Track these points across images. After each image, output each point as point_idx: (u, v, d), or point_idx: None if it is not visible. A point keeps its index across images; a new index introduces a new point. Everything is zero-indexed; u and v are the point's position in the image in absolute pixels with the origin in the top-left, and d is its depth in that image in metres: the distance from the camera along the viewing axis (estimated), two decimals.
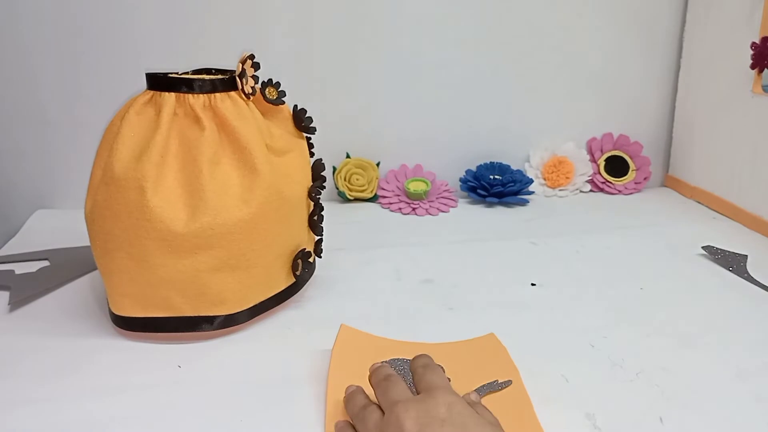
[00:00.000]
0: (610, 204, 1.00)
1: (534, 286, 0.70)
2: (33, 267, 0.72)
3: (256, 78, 0.61)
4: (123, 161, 0.54)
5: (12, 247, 0.80)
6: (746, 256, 0.76)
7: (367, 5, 0.94)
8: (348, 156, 1.00)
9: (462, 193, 1.03)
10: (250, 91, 0.60)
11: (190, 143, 0.56)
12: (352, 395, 0.46)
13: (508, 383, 0.50)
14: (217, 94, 0.57)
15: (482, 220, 0.93)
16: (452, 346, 0.56)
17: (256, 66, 0.61)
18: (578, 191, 1.05)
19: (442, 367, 0.47)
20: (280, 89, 0.63)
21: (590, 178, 1.05)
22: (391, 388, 0.43)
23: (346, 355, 0.53)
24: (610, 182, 1.05)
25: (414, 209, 0.96)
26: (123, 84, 0.65)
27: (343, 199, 1.00)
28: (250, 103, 0.60)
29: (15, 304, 0.64)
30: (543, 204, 1.00)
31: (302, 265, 0.63)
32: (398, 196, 0.99)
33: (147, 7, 0.88)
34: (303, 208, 0.63)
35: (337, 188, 0.99)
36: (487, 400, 0.48)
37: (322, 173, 0.66)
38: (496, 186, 0.97)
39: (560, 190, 1.04)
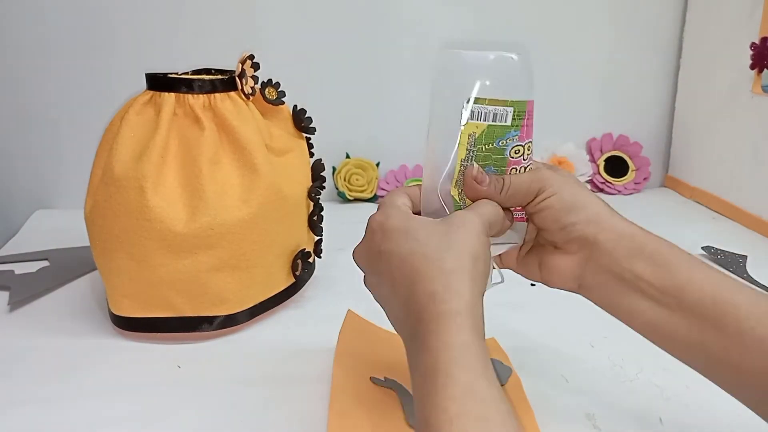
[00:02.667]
0: (609, 204, 0.99)
1: (534, 286, 0.70)
2: (33, 267, 0.72)
3: (255, 78, 0.61)
4: (123, 161, 0.54)
5: (12, 248, 0.80)
6: (746, 256, 0.76)
7: (367, 5, 0.94)
8: (348, 156, 1.00)
9: None
10: (250, 91, 0.60)
11: (190, 143, 0.56)
12: None
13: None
14: (217, 95, 0.57)
15: None
16: None
17: (255, 66, 0.61)
18: None
19: None
20: (279, 89, 0.63)
21: (590, 178, 1.05)
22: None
23: (352, 340, 0.53)
24: (610, 182, 1.05)
25: None
26: (123, 84, 0.65)
27: (343, 199, 1.00)
28: (250, 104, 0.60)
29: (15, 304, 0.64)
30: None
31: (302, 265, 0.63)
32: None
33: (147, 7, 0.88)
34: (303, 208, 0.63)
35: (337, 188, 0.99)
36: None
37: (321, 173, 0.66)
38: None
39: None
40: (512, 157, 0.41)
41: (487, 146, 0.40)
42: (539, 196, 0.41)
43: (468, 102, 0.39)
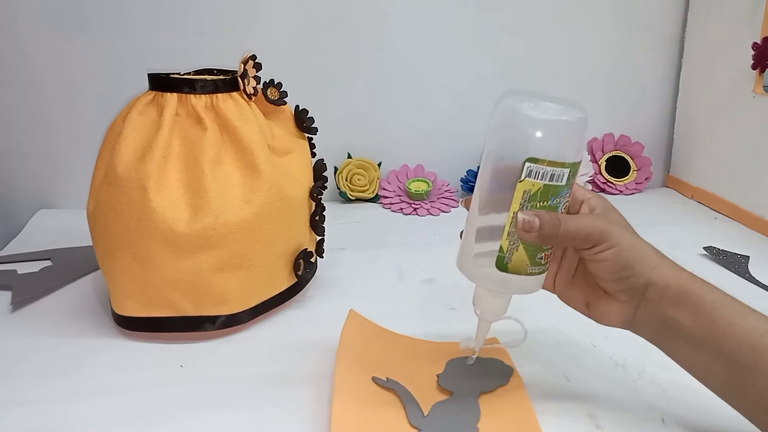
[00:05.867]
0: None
1: None
2: (35, 267, 0.72)
3: (257, 78, 0.61)
4: (125, 161, 0.54)
5: (14, 247, 0.80)
6: (748, 256, 0.76)
7: (367, 5, 0.94)
8: (349, 156, 1.00)
9: (463, 193, 1.03)
10: (252, 91, 0.60)
11: (192, 143, 0.56)
12: None
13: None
14: (219, 95, 0.57)
15: None
16: (454, 345, 0.56)
17: (257, 66, 0.61)
18: None
19: None
20: (281, 90, 0.63)
21: (591, 178, 1.05)
22: None
23: (354, 339, 0.53)
24: (612, 182, 1.05)
25: (415, 209, 0.96)
26: (125, 84, 0.65)
27: (345, 199, 1.00)
28: (252, 104, 0.60)
29: (17, 304, 0.64)
30: None
31: (304, 265, 0.64)
32: (399, 196, 0.99)
33: (149, 7, 0.88)
34: (305, 208, 0.64)
35: (339, 188, 1.00)
36: (487, 402, 0.48)
37: (323, 173, 0.66)
38: None
39: None
40: (561, 212, 0.42)
41: (541, 203, 0.41)
42: (597, 247, 0.42)
43: (527, 161, 0.39)
